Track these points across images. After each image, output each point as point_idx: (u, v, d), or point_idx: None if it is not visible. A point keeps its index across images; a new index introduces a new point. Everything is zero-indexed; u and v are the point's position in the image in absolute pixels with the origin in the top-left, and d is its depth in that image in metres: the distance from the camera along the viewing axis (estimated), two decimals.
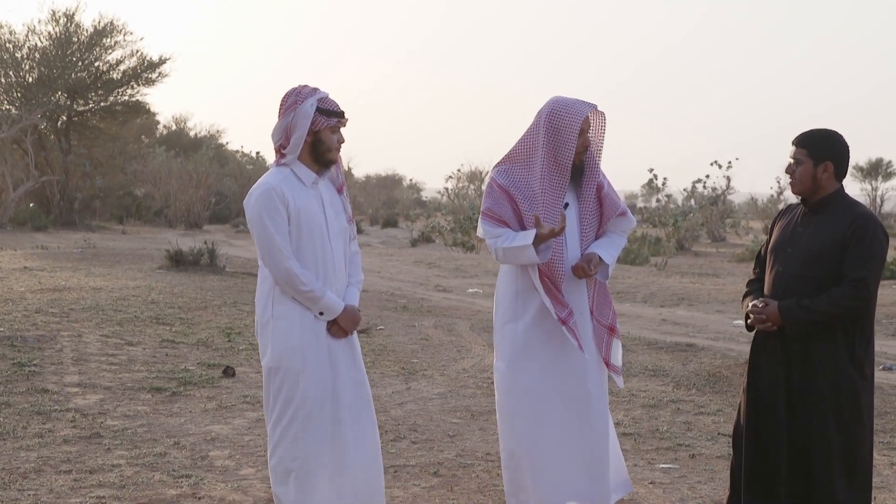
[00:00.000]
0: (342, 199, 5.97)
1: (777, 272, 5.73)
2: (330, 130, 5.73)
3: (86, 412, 8.81)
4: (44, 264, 20.30)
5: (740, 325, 15.59)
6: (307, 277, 5.67)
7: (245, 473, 7.40)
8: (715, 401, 9.98)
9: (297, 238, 5.70)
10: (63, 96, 40.99)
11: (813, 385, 5.58)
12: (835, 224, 5.60)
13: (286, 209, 5.65)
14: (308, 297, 5.69)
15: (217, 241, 24.14)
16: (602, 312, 6.39)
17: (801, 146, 5.68)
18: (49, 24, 41.02)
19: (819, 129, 5.73)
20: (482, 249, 34.93)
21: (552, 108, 6.14)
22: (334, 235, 5.84)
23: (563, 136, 6.09)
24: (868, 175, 63.23)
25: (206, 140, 57.29)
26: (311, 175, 5.77)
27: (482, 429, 8.86)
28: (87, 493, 6.81)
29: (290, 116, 5.67)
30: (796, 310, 5.56)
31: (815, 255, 5.61)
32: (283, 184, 5.68)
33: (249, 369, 10.89)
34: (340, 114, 5.75)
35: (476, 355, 12.28)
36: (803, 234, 5.69)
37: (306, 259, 5.72)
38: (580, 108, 6.11)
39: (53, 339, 11.66)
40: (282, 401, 5.75)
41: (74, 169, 40.88)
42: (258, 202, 5.65)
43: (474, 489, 7.21)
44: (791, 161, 5.71)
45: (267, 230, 5.63)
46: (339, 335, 5.82)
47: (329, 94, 5.76)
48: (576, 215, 6.31)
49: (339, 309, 5.78)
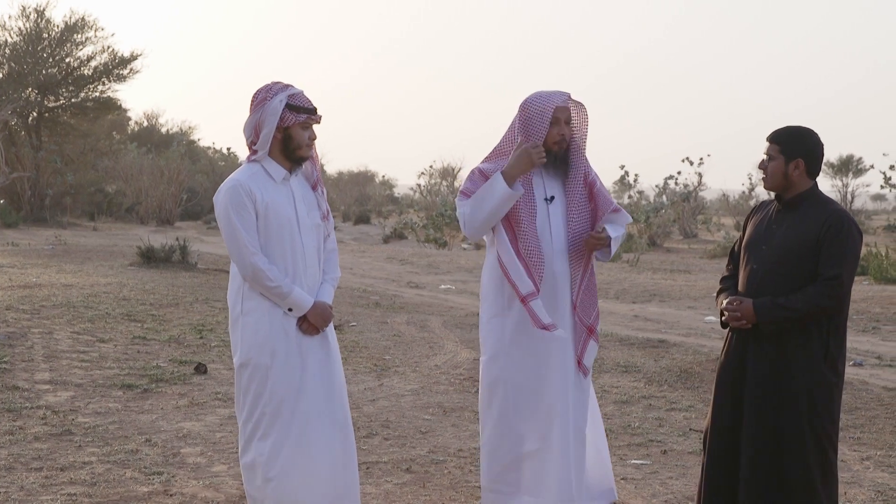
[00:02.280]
0: (317, 195, 5.94)
1: (751, 269, 5.72)
2: (300, 127, 5.70)
3: (57, 409, 8.78)
4: (14, 261, 20.21)
5: (712, 322, 15.65)
6: (273, 273, 5.65)
7: (217, 470, 7.39)
8: (687, 396, 10.02)
9: (265, 234, 5.69)
10: (34, 92, 40.84)
11: (786, 383, 5.57)
12: (809, 222, 5.60)
13: (254, 205, 5.65)
14: (275, 292, 5.66)
15: (189, 238, 24.09)
16: (585, 310, 6.35)
17: (774, 142, 5.67)
18: (19, 20, 40.90)
19: (793, 126, 5.73)
20: (454, 246, 34.97)
21: (526, 99, 6.23)
22: (306, 231, 5.81)
23: (534, 124, 6.15)
24: (839, 171, 63.48)
25: (178, 136, 57.04)
26: (282, 171, 5.76)
27: (454, 425, 8.87)
28: (58, 490, 6.79)
29: (259, 113, 5.66)
30: (771, 307, 5.55)
31: (789, 253, 5.61)
32: (252, 180, 5.68)
33: (221, 366, 10.88)
34: (311, 110, 5.73)
35: (448, 352, 12.29)
36: (777, 232, 5.68)
37: (275, 255, 5.70)
38: (552, 97, 6.19)
39: (24, 336, 11.61)
40: (251, 397, 5.74)
41: (45, 165, 40.72)
42: (225, 198, 5.66)
43: (446, 485, 7.22)
44: (764, 157, 5.72)
45: (233, 225, 5.63)
46: (310, 332, 5.78)
47: (303, 90, 5.74)
48: (561, 209, 6.30)
49: (308, 305, 5.75)
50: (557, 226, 6.26)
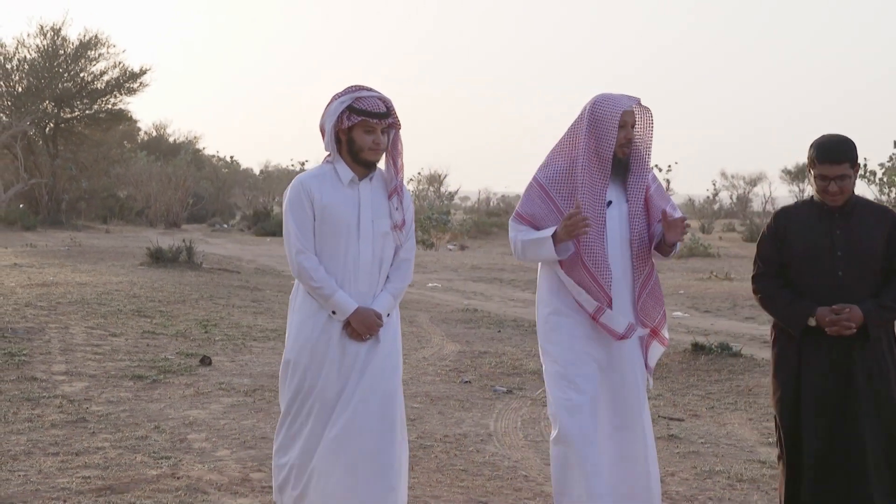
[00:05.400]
0: (391, 203, 5.44)
1: (835, 277, 5.42)
2: (362, 130, 5.30)
3: (72, 398, 8.76)
4: (33, 261, 20.15)
5: (679, 317, 15.68)
6: (319, 274, 5.28)
7: (221, 455, 7.38)
8: (656, 386, 10.03)
9: (319, 235, 5.32)
10: (50, 105, 40.70)
11: (855, 389, 5.36)
12: (871, 223, 5.45)
13: (311, 204, 5.30)
14: (318, 293, 5.29)
15: (194, 240, 24.07)
16: (648, 313, 5.76)
17: (845, 161, 5.37)
18: (37, 38, 40.74)
19: (839, 139, 5.46)
20: (441, 247, 34.97)
21: (595, 101, 5.68)
22: (365, 237, 5.36)
23: (603, 127, 5.58)
24: (796, 178, 63.72)
25: (184, 145, 56.97)
26: (350, 174, 5.36)
27: (441, 413, 8.87)
28: (74, 473, 6.78)
29: (324, 114, 5.36)
30: (879, 311, 5.34)
31: (864, 255, 5.40)
32: (316, 179, 5.35)
33: (225, 358, 10.87)
34: (369, 114, 5.28)
35: (435, 345, 12.30)
36: (842, 237, 5.44)
37: (325, 256, 5.33)
38: (621, 101, 5.64)
39: (42, 330, 11.59)
40: (289, 394, 5.39)
41: (61, 172, 40.63)
42: (288, 195, 5.36)
43: (433, 468, 7.22)
44: (833, 180, 5.38)
45: (288, 222, 5.32)
46: (355, 337, 5.34)
47: (375, 95, 5.32)
48: (622, 215, 5.71)
49: (350, 310, 5.29)
50: (613, 230, 5.66)
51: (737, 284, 21.22)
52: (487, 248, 33.99)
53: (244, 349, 11.52)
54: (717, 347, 11.58)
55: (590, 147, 5.60)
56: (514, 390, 10.04)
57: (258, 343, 11.97)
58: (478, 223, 42.23)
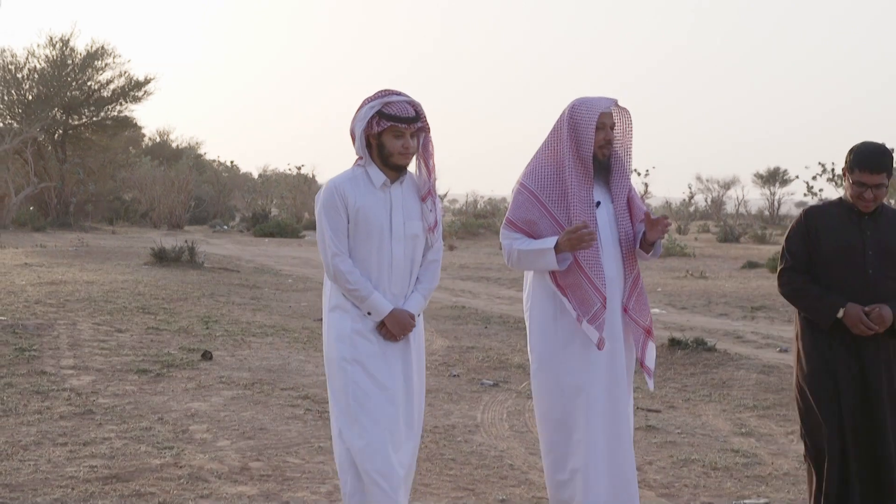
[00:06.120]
0: (424, 206, 5.30)
1: (865, 274, 5.39)
2: (391, 135, 5.13)
3: (80, 391, 8.74)
4: (42, 261, 20.12)
5: (656, 313, 15.67)
6: (354, 276, 5.13)
7: (221, 445, 7.37)
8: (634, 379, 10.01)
9: (354, 237, 5.17)
10: (59, 112, 40.63)
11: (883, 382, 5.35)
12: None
13: (345, 208, 5.14)
14: (354, 294, 5.15)
15: (196, 241, 24.02)
16: (640, 312, 5.64)
17: (883, 171, 5.31)
18: (47, 48, 40.65)
19: (880, 147, 5.39)
20: None
21: (573, 105, 5.53)
22: (397, 240, 5.22)
23: (581, 130, 5.44)
24: (767, 182, 63.84)
25: (187, 151, 56.74)
26: (382, 177, 5.19)
27: (430, 405, 8.86)
28: (81, 462, 6.77)
29: (353, 119, 5.22)
30: None
31: (894, 255, 5.39)
32: (349, 182, 5.18)
33: (225, 353, 10.85)
34: (399, 119, 5.11)
35: (425, 340, 12.28)
36: (874, 237, 5.42)
37: (360, 259, 5.18)
38: (598, 103, 5.50)
39: (51, 326, 11.57)
40: (333, 391, 5.26)
41: (69, 176, 40.53)
42: (321, 198, 5.20)
43: (423, 458, 7.21)
44: (870, 188, 5.34)
45: (322, 225, 5.19)
46: (389, 337, 5.25)
47: (405, 100, 5.16)
48: (610, 215, 5.62)
49: (386, 311, 5.18)
50: (605, 230, 5.55)
51: (711, 283, 21.26)
52: (475, 248, 33.97)
53: (243, 344, 11.50)
54: (693, 342, 11.61)
55: (572, 151, 5.48)
56: (500, 383, 10.04)
57: (257, 339, 11.96)
58: (466, 224, 42.14)
